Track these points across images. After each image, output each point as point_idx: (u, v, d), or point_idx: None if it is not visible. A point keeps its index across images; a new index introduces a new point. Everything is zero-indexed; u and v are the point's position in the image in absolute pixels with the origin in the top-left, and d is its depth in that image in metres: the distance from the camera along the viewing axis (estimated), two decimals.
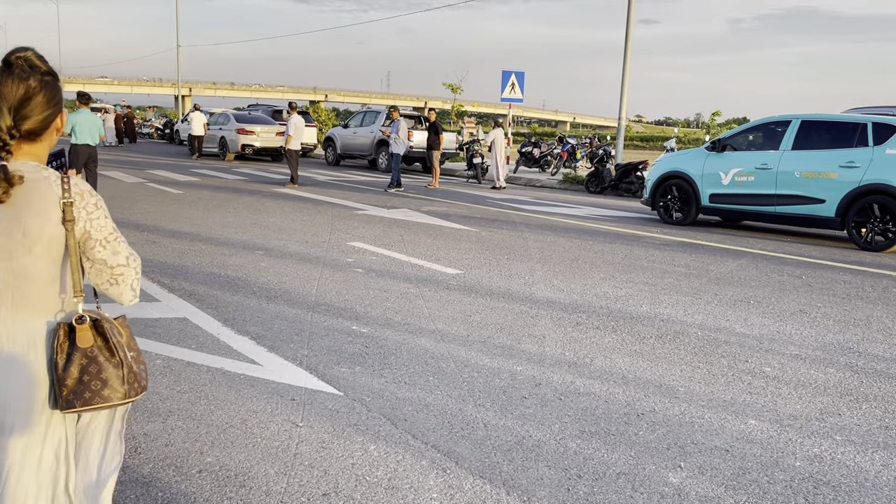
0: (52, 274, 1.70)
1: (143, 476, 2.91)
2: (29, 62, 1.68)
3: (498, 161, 16.95)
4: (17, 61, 1.66)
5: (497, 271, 7.18)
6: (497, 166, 16.99)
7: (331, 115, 34.80)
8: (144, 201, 11.67)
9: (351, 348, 4.60)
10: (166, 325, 4.94)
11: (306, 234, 8.95)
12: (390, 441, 3.31)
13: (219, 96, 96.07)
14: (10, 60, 1.66)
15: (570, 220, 11.33)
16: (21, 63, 1.67)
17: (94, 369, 1.70)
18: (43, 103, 1.68)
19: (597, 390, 4.06)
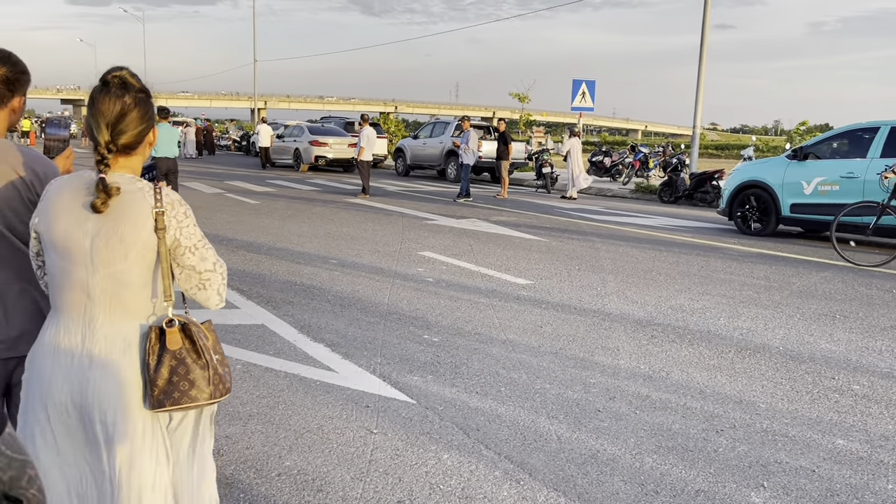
0: (145, 279, 1.79)
1: (226, 477, 3.00)
2: (124, 80, 1.78)
3: (574, 170, 16.78)
4: (113, 80, 1.77)
5: (568, 282, 7.11)
6: (572, 176, 16.82)
7: (400, 126, 35.22)
8: (223, 211, 12.08)
9: (423, 357, 4.64)
10: (245, 331, 5.10)
11: (378, 244, 9.08)
12: (463, 450, 3.32)
13: (292, 109, 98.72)
14: (106, 80, 1.77)
15: (643, 231, 11.12)
16: (117, 82, 1.77)
17: (182, 370, 1.77)
18: (137, 119, 1.78)
19: (673, 405, 3.96)
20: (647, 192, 17.95)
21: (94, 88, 1.77)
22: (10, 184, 1.99)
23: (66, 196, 1.78)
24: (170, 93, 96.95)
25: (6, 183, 1.98)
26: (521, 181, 20.95)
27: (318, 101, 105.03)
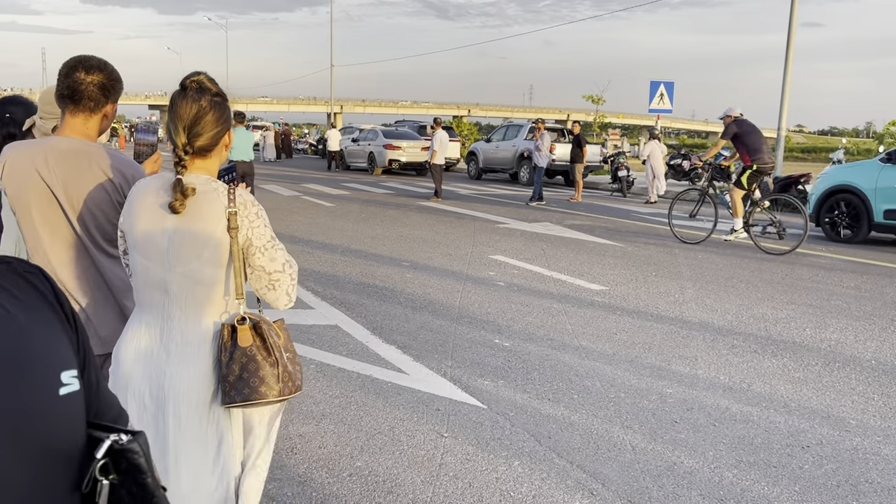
0: (218, 278, 1.83)
1: (299, 476, 3.05)
2: (201, 85, 1.83)
3: (655, 174, 16.37)
4: (190, 84, 1.82)
5: (644, 288, 6.94)
6: (652, 180, 16.42)
7: (473, 130, 35.27)
8: (299, 213, 12.36)
9: (494, 362, 4.60)
10: (319, 331, 5.19)
11: (449, 247, 9.10)
12: (534, 458, 3.27)
13: (367, 113, 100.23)
14: (185, 84, 1.83)
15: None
16: (194, 86, 1.82)
17: (252, 367, 1.80)
18: (213, 122, 1.83)
19: (755, 418, 3.80)
20: None
21: (174, 93, 1.83)
22: (100, 186, 2.07)
23: (147, 197, 1.84)
24: (250, 98, 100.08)
25: (97, 186, 2.07)
26: (596, 185, 20.63)
27: (393, 105, 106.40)
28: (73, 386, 0.63)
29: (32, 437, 0.57)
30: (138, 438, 0.66)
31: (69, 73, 2.05)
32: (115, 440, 0.64)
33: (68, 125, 2.10)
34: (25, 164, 2.06)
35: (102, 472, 0.64)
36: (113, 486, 0.64)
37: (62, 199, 2.06)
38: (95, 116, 2.11)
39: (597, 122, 32.97)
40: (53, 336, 0.64)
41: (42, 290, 0.66)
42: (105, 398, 0.74)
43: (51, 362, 0.61)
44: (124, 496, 0.65)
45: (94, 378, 0.72)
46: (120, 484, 0.65)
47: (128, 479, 0.65)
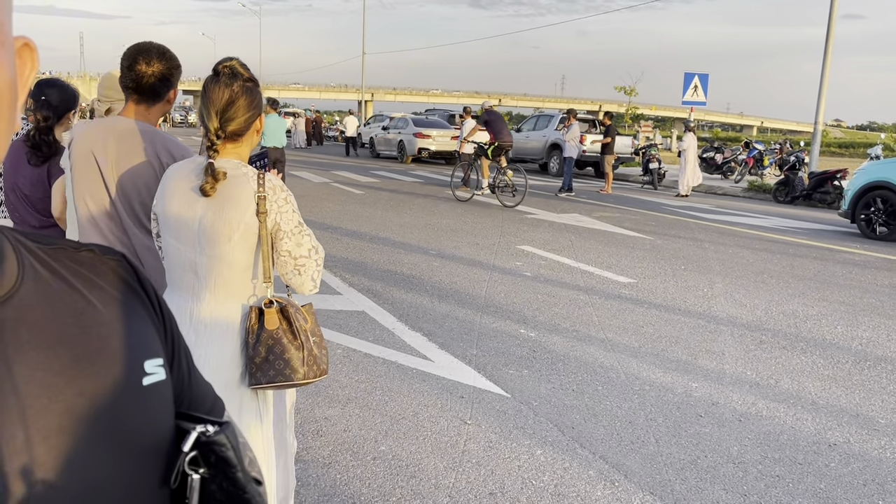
0: (247, 261, 1.87)
1: (324, 458, 3.10)
2: (233, 70, 1.86)
3: (689, 167, 16.13)
4: (223, 70, 1.85)
5: (673, 282, 6.88)
6: (686, 173, 16.16)
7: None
8: (329, 200, 12.45)
9: (519, 351, 4.62)
10: (346, 317, 5.24)
11: (477, 237, 9.11)
12: (557, 447, 3.28)
13: (398, 101, 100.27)
14: (217, 70, 1.86)
15: (755, 231, 10.61)
16: (227, 71, 1.85)
17: (278, 350, 1.84)
18: (244, 106, 1.86)
19: (782, 414, 3.77)
20: (761, 191, 17.10)
21: (207, 78, 1.87)
22: (150, 166, 2.14)
23: (179, 180, 1.88)
24: (282, 84, 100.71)
25: (147, 165, 2.14)
26: (627, 177, 20.44)
27: (423, 93, 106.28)
28: (158, 375, 0.60)
29: (117, 429, 0.55)
30: (226, 430, 0.63)
31: (131, 66, 2.13)
32: (202, 432, 0.61)
33: (131, 110, 2.20)
34: (85, 143, 2.15)
35: (192, 466, 0.61)
36: (204, 480, 0.62)
37: (109, 179, 2.13)
38: (158, 104, 2.20)
39: (629, 114, 32.62)
40: (137, 324, 0.61)
41: (126, 277, 0.64)
42: (198, 388, 0.72)
43: (134, 352, 0.59)
44: (216, 491, 0.62)
45: (186, 367, 0.70)
46: (211, 478, 0.62)
47: (218, 473, 0.62)
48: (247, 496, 0.64)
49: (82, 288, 0.59)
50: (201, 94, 1.87)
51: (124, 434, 0.56)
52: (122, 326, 0.59)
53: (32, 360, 0.52)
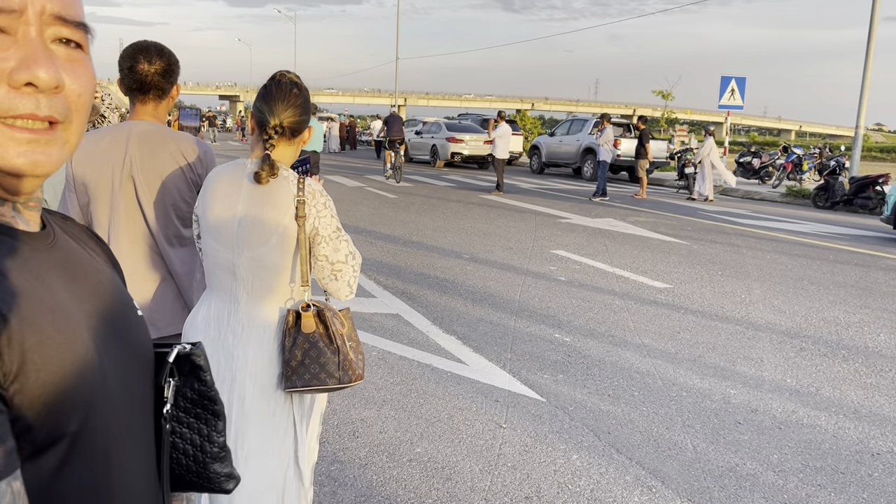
0: (284, 264, 1.90)
1: (360, 459, 3.13)
2: (291, 79, 1.93)
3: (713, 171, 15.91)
4: (282, 77, 1.92)
5: (709, 287, 6.80)
6: (707, 177, 15.95)
7: (536, 124, 35.00)
8: (363, 204, 12.54)
9: (553, 356, 4.60)
10: (381, 320, 5.28)
11: (510, 241, 9.10)
12: (593, 452, 3.27)
13: (431, 106, 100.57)
14: (277, 77, 1.92)
15: (794, 237, 10.42)
16: (286, 79, 1.92)
17: (314, 353, 1.86)
18: (302, 109, 1.92)
19: (823, 423, 3.70)
20: (800, 197, 16.78)
21: (266, 84, 1.94)
22: (175, 164, 2.17)
23: (221, 183, 1.92)
24: (316, 89, 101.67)
25: (172, 164, 2.16)
26: (662, 181, 20.23)
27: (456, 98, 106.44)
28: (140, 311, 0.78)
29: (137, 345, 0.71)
30: (199, 346, 0.80)
31: (133, 67, 2.14)
32: (181, 347, 0.79)
33: (139, 112, 2.20)
34: (102, 150, 2.14)
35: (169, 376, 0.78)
36: (177, 388, 0.79)
37: (138, 182, 2.13)
38: (164, 101, 2.22)
39: (664, 118, 32.31)
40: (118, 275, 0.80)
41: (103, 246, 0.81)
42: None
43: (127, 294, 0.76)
44: (187, 394, 0.80)
45: None
46: (183, 385, 0.79)
47: (190, 379, 0.80)
48: (212, 392, 0.81)
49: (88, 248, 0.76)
50: (259, 96, 1.93)
51: (139, 347, 0.72)
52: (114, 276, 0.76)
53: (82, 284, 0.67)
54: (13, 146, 0.59)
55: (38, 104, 0.59)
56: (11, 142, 0.59)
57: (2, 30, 0.58)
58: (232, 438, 1.88)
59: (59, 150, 0.62)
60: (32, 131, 0.59)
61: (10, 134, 0.59)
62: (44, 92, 0.59)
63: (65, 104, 0.61)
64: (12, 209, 0.64)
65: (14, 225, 0.63)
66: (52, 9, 0.60)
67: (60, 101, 0.61)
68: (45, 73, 0.58)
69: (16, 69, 0.58)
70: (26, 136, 0.59)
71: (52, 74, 0.58)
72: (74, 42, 0.63)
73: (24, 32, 0.59)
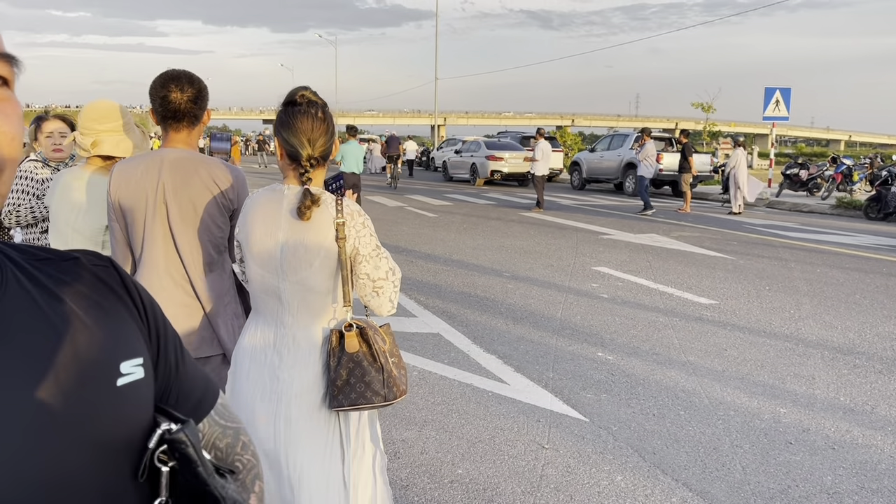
0: (327, 286, 1.91)
1: (402, 480, 3.12)
2: (309, 99, 1.92)
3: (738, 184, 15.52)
4: (301, 100, 1.92)
5: (757, 303, 6.64)
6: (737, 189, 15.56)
7: (577, 140, 34.83)
8: (404, 224, 12.61)
9: (596, 375, 4.54)
10: (422, 339, 5.28)
11: (551, 258, 9.03)
12: (638, 473, 3.20)
13: (470, 125, 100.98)
14: (296, 100, 1.92)
15: (845, 250, 10.12)
16: (304, 100, 1.92)
17: (359, 372, 1.87)
18: (329, 132, 1.92)
19: (879, 442, 3.56)
20: (851, 208, 16.32)
21: (286, 109, 1.92)
22: (207, 191, 2.21)
23: (260, 208, 1.95)
24: (357, 111, 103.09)
25: (205, 189, 2.21)
26: (706, 195, 19.90)
27: (496, 116, 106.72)
28: (135, 375, 0.64)
29: (90, 427, 0.59)
30: (186, 429, 0.66)
31: (165, 97, 2.19)
32: (166, 429, 0.65)
33: (172, 139, 2.25)
34: (137, 177, 2.20)
35: (163, 458, 0.65)
36: (174, 472, 0.66)
37: (171, 209, 2.18)
38: (196, 128, 2.27)
39: (706, 131, 31.83)
40: (117, 327, 0.65)
41: (109, 282, 0.68)
42: (188, 380, 0.76)
43: (111, 355, 0.63)
44: (183, 482, 0.67)
45: (174, 361, 0.73)
46: (178, 471, 0.66)
47: (183, 467, 0.66)
48: (208, 489, 0.67)
49: (65, 296, 0.63)
50: (282, 124, 1.91)
51: (98, 431, 0.59)
52: (101, 331, 0.63)
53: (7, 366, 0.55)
54: None
55: None
56: None
57: None
58: (283, 461, 1.89)
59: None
60: None
61: None
62: None
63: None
64: None
65: None
66: None
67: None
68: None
69: None
70: None
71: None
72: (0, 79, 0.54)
73: None
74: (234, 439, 0.83)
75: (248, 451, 0.84)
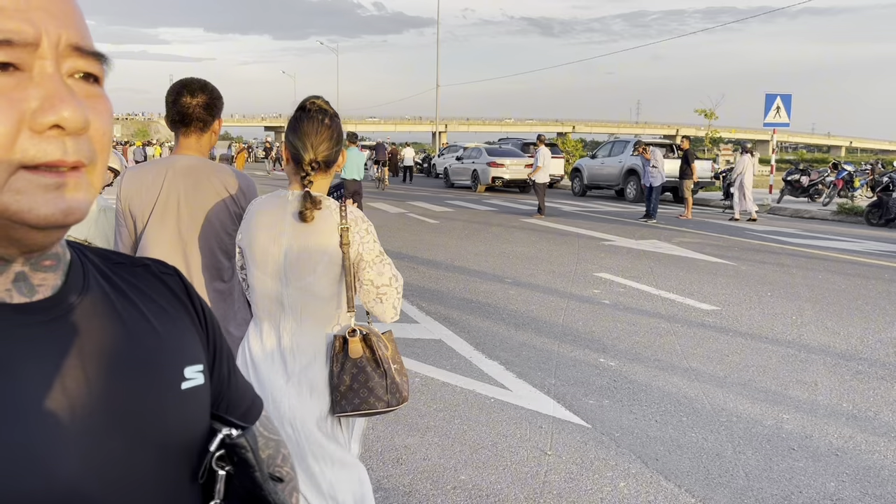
0: (331, 291, 1.92)
1: (404, 486, 3.12)
2: (320, 107, 1.94)
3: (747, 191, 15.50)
4: (311, 106, 1.94)
5: (758, 309, 6.63)
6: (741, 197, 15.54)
7: (578, 146, 34.85)
8: (405, 230, 12.62)
9: (599, 381, 4.53)
10: (424, 345, 5.28)
11: (553, 264, 9.04)
12: (641, 480, 3.20)
13: (472, 131, 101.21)
14: (306, 106, 1.94)
15: (847, 255, 10.12)
16: (314, 107, 1.94)
17: (362, 378, 1.87)
18: (334, 139, 1.94)
19: (882, 448, 3.56)
20: (852, 214, 16.32)
21: (295, 115, 1.95)
22: (217, 197, 2.23)
23: (264, 214, 1.95)
24: (359, 118, 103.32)
25: (215, 196, 2.22)
26: (707, 201, 19.91)
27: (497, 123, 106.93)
28: (197, 380, 0.67)
29: (156, 429, 0.62)
30: (246, 434, 0.69)
31: (176, 101, 2.22)
32: (227, 434, 0.67)
33: (183, 145, 2.27)
34: (148, 182, 2.22)
35: (220, 463, 0.67)
36: (229, 476, 0.68)
37: (182, 215, 2.19)
38: (206, 134, 2.29)
39: (708, 137, 31.89)
40: (182, 333, 0.69)
41: (175, 289, 0.71)
42: (237, 390, 0.78)
43: (176, 359, 0.66)
44: (238, 487, 0.69)
45: (226, 370, 0.76)
46: (234, 475, 0.68)
47: (239, 472, 0.68)
48: (263, 493, 0.70)
49: (137, 300, 0.66)
50: (291, 128, 1.94)
51: (162, 433, 0.62)
52: (169, 336, 0.66)
53: (85, 364, 0.58)
54: (41, 194, 0.52)
55: (66, 149, 0.53)
56: (38, 189, 0.52)
57: (15, 66, 0.51)
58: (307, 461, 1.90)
59: (86, 195, 0.55)
60: (60, 174, 0.53)
61: (37, 179, 0.52)
62: (70, 134, 0.53)
63: (90, 146, 0.55)
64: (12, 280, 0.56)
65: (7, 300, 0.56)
66: (70, 39, 0.54)
67: (86, 142, 0.55)
68: (72, 114, 0.52)
69: (38, 111, 0.51)
70: (54, 179, 0.53)
71: (79, 114, 0.52)
72: (93, 76, 0.57)
73: (40, 68, 0.52)
74: (276, 451, 0.85)
75: (288, 464, 0.86)
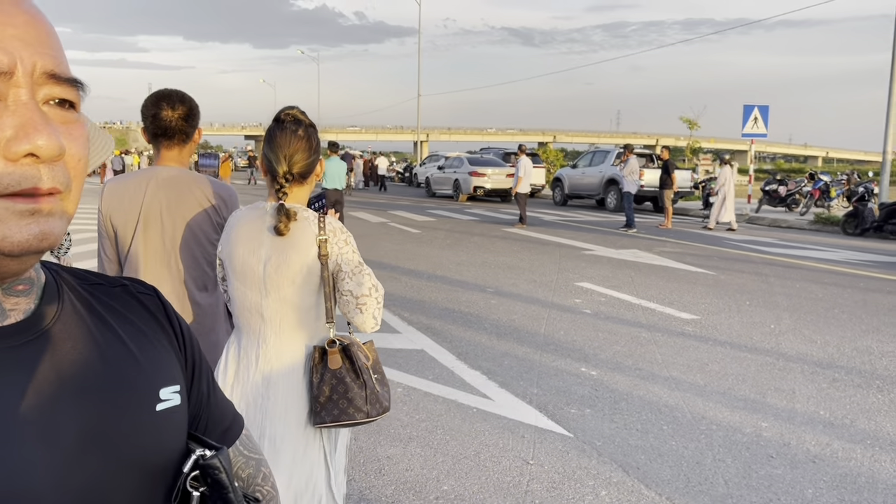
0: (310, 303, 1.92)
1: (387, 497, 3.11)
2: (295, 117, 1.95)
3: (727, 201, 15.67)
4: (286, 118, 1.95)
5: (737, 318, 6.71)
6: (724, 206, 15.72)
7: (559, 156, 35.08)
8: (387, 240, 12.62)
9: (580, 390, 4.56)
10: (406, 355, 5.28)
11: (534, 274, 9.08)
12: (622, 488, 3.22)
13: (453, 140, 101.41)
14: (280, 117, 1.95)
15: (824, 265, 10.27)
16: (289, 118, 1.94)
17: (341, 389, 1.87)
18: (309, 150, 1.94)
19: (858, 455, 3.61)
20: (829, 224, 16.56)
21: (270, 126, 1.96)
22: (200, 207, 2.22)
23: (243, 226, 1.96)
24: (340, 127, 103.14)
25: (199, 207, 2.22)
26: (687, 211, 20.11)
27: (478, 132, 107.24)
28: (173, 401, 0.67)
29: (129, 450, 0.61)
30: (220, 455, 0.68)
31: (157, 114, 2.21)
32: (200, 455, 0.67)
33: (164, 157, 2.27)
34: (129, 195, 2.21)
35: (194, 484, 0.67)
36: (204, 497, 0.68)
37: (165, 227, 2.19)
38: (187, 146, 2.28)
39: (689, 147, 32.21)
40: (158, 354, 0.69)
41: (153, 310, 0.72)
42: (217, 408, 0.79)
43: (151, 381, 0.66)
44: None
45: (206, 389, 0.77)
46: (209, 496, 0.68)
47: (213, 493, 0.68)
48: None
49: (113, 322, 0.66)
50: (266, 140, 1.95)
51: (138, 455, 0.62)
52: (144, 357, 0.66)
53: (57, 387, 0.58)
54: (15, 220, 0.53)
55: (41, 176, 0.53)
56: (13, 216, 0.53)
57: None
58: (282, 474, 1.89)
59: (60, 221, 0.56)
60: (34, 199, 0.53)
61: (12, 206, 0.53)
62: (45, 162, 0.53)
63: (65, 172, 0.56)
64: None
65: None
66: (45, 66, 0.55)
67: (61, 169, 0.55)
68: (47, 142, 0.52)
69: (13, 139, 0.52)
70: (29, 206, 0.53)
71: (54, 142, 0.53)
72: (68, 102, 0.57)
73: (14, 96, 0.53)
74: (256, 470, 0.85)
75: (269, 483, 0.86)
